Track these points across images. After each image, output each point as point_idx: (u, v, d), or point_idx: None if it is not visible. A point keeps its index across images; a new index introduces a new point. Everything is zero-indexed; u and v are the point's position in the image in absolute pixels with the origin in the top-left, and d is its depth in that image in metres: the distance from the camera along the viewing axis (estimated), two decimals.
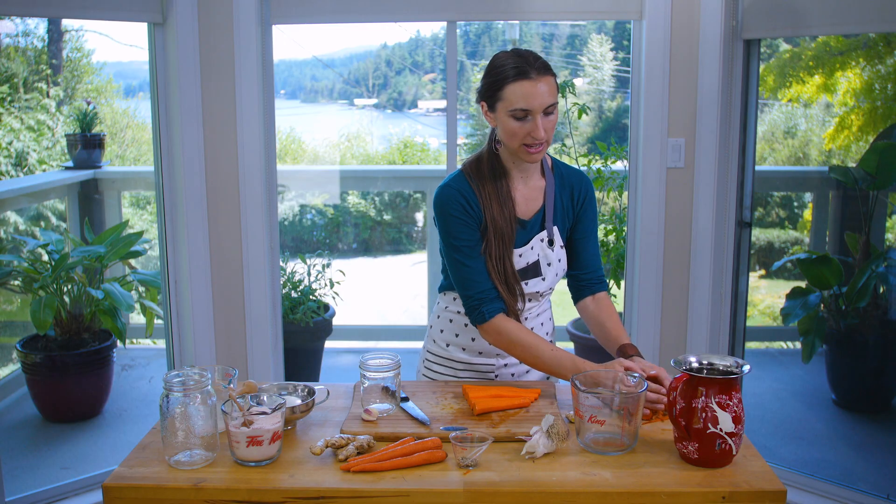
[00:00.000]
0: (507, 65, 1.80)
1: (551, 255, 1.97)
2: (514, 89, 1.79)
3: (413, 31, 9.89)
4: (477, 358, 2.03)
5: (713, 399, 1.47)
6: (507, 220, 1.89)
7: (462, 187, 1.90)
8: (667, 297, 3.35)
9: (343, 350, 5.05)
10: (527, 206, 1.96)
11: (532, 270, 1.95)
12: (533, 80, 1.78)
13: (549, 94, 1.79)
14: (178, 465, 1.52)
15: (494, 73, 1.82)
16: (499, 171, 1.92)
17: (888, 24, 2.91)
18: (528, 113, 1.79)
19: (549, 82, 1.80)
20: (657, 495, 1.43)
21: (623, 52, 7.73)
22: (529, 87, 1.77)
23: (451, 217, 1.89)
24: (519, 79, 1.78)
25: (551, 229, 1.97)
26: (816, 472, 3.18)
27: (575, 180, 2.02)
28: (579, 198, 2.01)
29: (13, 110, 5.33)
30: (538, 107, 1.79)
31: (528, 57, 1.81)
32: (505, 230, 1.88)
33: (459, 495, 1.43)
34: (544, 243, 1.96)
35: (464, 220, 1.88)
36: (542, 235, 1.96)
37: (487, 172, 1.91)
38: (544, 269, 1.96)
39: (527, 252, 1.94)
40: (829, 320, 3.73)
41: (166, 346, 3.37)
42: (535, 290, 1.97)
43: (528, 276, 1.95)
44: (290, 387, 1.77)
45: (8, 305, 4.42)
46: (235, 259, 3.34)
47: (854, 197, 3.88)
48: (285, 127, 7.83)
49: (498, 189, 1.90)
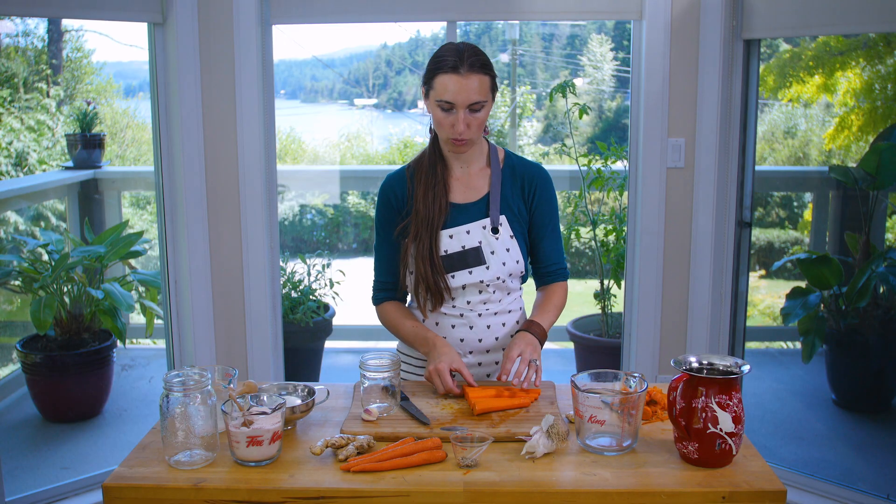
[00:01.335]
0: (444, 56, 1.85)
1: (495, 243, 1.96)
2: (443, 80, 1.84)
3: (413, 31, 9.90)
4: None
5: (713, 399, 1.47)
6: (432, 203, 1.95)
7: (395, 179, 2.02)
8: (667, 298, 3.35)
9: (343, 350, 5.05)
10: (465, 191, 1.99)
11: (472, 256, 1.95)
12: (462, 76, 1.82)
13: (476, 91, 1.84)
14: (178, 465, 1.52)
15: (433, 62, 1.88)
16: (435, 157, 1.99)
17: (888, 24, 2.91)
18: (453, 106, 1.84)
19: (481, 80, 1.84)
20: (657, 495, 1.43)
21: (623, 52, 7.74)
22: (457, 82, 1.82)
23: (378, 206, 2.04)
24: (450, 71, 1.83)
25: (497, 217, 1.97)
26: (816, 472, 3.18)
27: (527, 173, 2.02)
28: (530, 190, 2.02)
29: (13, 110, 5.33)
30: (462, 102, 1.83)
31: (466, 52, 1.85)
32: (429, 213, 1.94)
33: (459, 495, 1.43)
34: (486, 230, 1.96)
35: (384, 211, 2.02)
36: (484, 222, 1.97)
37: (426, 160, 1.99)
38: (487, 256, 1.96)
39: (460, 235, 1.95)
40: (829, 320, 3.73)
41: (166, 346, 3.37)
42: (479, 279, 1.96)
43: (471, 263, 1.95)
44: (290, 387, 1.77)
45: (8, 305, 4.42)
46: (235, 259, 3.34)
47: (854, 197, 3.88)
48: (285, 127, 7.83)
49: (430, 174, 1.97)
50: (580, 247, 5.66)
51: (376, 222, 2.05)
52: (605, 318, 4.17)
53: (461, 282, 1.96)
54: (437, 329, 2.01)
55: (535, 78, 8.85)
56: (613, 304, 4.16)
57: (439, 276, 1.94)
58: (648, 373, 3.36)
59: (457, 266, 1.95)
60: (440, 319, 2.01)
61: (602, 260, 4.11)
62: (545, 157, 7.77)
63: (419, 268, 1.95)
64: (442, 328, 2.01)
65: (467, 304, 1.99)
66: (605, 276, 4.10)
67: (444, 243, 1.95)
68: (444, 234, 1.95)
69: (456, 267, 1.95)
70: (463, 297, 1.99)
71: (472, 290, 1.98)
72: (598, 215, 4.23)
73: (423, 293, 1.97)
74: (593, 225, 4.11)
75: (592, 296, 4.20)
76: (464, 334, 2.00)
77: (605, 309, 4.16)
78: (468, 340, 2.00)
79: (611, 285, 4.10)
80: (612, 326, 4.16)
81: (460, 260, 1.95)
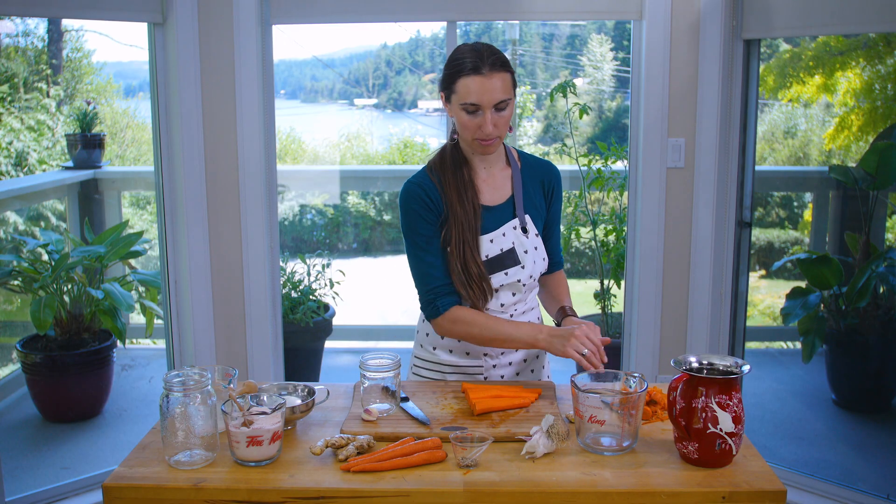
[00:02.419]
0: (463, 58, 1.83)
1: (527, 242, 1.96)
2: (466, 83, 1.81)
3: (413, 31, 9.89)
4: (464, 359, 2.01)
5: (713, 399, 1.47)
6: (467, 207, 1.91)
7: (423, 182, 1.94)
8: (667, 297, 3.35)
9: (343, 350, 5.05)
10: (493, 193, 1.97)
11: (509, 258, 1.94)
12: (485, 76, 1.80)
13: (501, 90, 1.81)
14: (178, 465, 1.52)
15: (451, 66, 1.85)
16: (459, 160, 1.95)
17: (888, 24, 2.91)
18: (478, 107, 1.82)
19: (503, 78, 1.82)
20: (657, 495, 1.43)
21: (623, 52, 7.73)
22: (480, 83, 1.80)
23: (411, 212, 1.92)
24: (471, 73, 1.80)
25: (523, 217, 1.97)
26: (816, 472, 3.18)
27: (544, 170, 2.04)
28: (549, 188, 2.04)
29: (13, 110, 5.33)
30: (488, 102, 1.81)
31: (484, 52, 1.82)
32: (467, 217, 1.90)
33: (459, 495, 1.43)
34: (518, 230, 1.96)
35: (423, 214, 1.91)
36: (514, 223, 1.96)
37: (449, 163, 1.95)
38: (521, 256, 1.95)
39: (498, 238, 1.94)
40: (829, 320, 3.73)
41: (166, 346, 3.37)
42: (516, 279, 1.95)
43: (507, 265, 1.94)
44: (290, 387, 1.77)
45: (8, 305, 4.42)
46: (235, 259, 3.34)
47: (854, 197, 3.88)
48: (285, 127, 7.83)
49: (458, 178, 1.93)
50: (580, 247, 5.66)
51: (413, 228, 1.91)
52: (605, 318, 4.17)
53: (498, 283, 1.94)
54: None
55: (536, 78, 8.86)
56: (613, 304, 4.16)
57: (485, 280, 1.91)
58: (648, 373, 3.36)
59: (495, 269, 1.93)
60: None
61: (602, 260, 4.11)
62: (545, 157, 7.76)
63: (461, 273, 1.89)
64: None
65: (501, 307, 1.97)
66: (605, 276, 4.10)
67: (484, 248, 1.93)
68: (484, 239, 1.93)
69: (494, 269, 1.93)
70: (497, 300, 1.97)
71: (506, 292, 1.97)
72: (598, 215, 4.23)
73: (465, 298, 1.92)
74: (593, 225, 4.11)
75: (592, 296, 4.20)
76: None
77: (605, 309, 4.16)
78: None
79: (611, 285, 4.10)
80: (612, 326, 4.16)
81: (498, 262, 1.93)
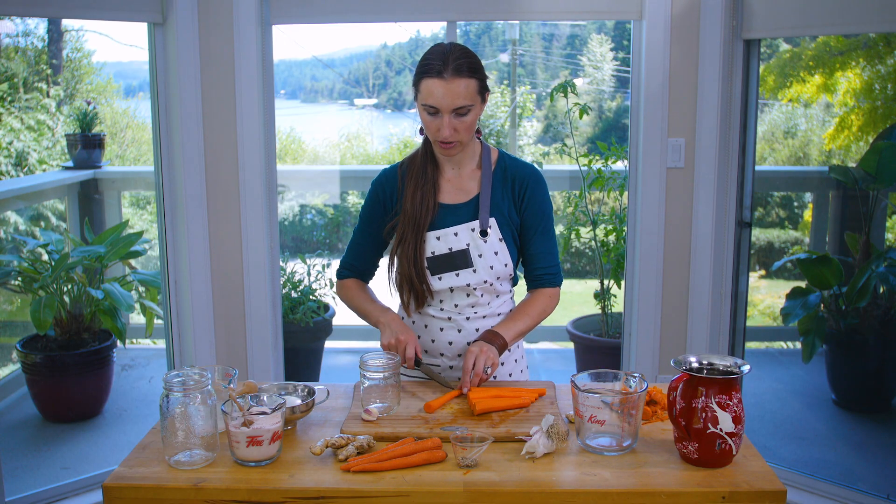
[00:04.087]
0: (430, 60, 1.82)
1: (483, 246, 1.93)
2: (428, 85, 1.81)
3: (413, 31, 9.90)
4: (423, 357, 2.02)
5: (713, 399, 1.47)
6: (418, 203, 1.93)
7: (389, 173, 2.02)
8: (667, 297, 3.35)
9: (343, 350, 5.05)
10: (455, 193, 1.97)
11: (460, 259, 1.93)
12: (446, 80, 1.79)
13: (462, 96, 1.80)
14: (178, 465, 1.52)
15: (419, 65, 1.85)
16: (427, 157, 1.98)
17: (888, 24, 2.91)
18: (437, 110, 1.82)
19: (468, 84, 1.80)
20: (657, 495, 1.43)
21: (623, 52, 7.74)
22: (441, 86, 1.79)
23: (369, 194, 2.04)
24: (434, 76, 1.80)
25: (486, 220, 1.94)
26: (816, 472, 3.17)
27: (518, 174, 1.98)
28: (521, 192, 1.97)
29: (13, 110, 5.34)
30: (447, 106, 1.81)
31: (450, 56, 1.80)
32: (416, 212, 1.93)
33: (459, 495, 1.43)
34: (475, 233, 1.94)
35: (371, 204, 2.03)
36: (472, 224, 1.94)
37: (419, 159, 1.98)
38: (475, 259, 1.93)
39: (448, 237, 1.93)
40: (829, 320, 3.73)
41: (166, 346, 3.37)
42: (466, 282, 1.94)
43: (458, 266, 1.93)
44: (290, 387, 1.77)
45: (8, 305, 4.42)
46: (235, 259, 3.34)
47: (854, 197, 3.88)
48: (285, 127, 7.83)
49: (420, 174, 1.96)
50: (580, 247, 5.66)
51: (362, 211, 2.06)
52: (605, 318, 4.17)
53: (448, 284, 1.94)
54: (426, 331, 2.00)
55: (535, 78, 8.86)
56: (613, 304, 4.16)
57: (422, 277, 1.93)
58: (648, 373, 3.36)
59: (443, 268, 1.93)
60: (428, 322, 2.00)
61: (602, 260, 4.11)
62: (545, 157, 7.77)
63: (403, 267, 1.94)
64: (430, 331, 2.00)
65: (455, 308, 1.97)
66: (605, 276, 4.10)
67: (430, 244, 1.93)
68: (430, 236, 1.94)
69: (442, 269, 1.93)
70: (451, 300, 1.97)
71: (459, 293, 1.96)
72: (598, 215, 4.23)
73: (407, 292, 1.97)
74: (593, 225, 4.12)
75: (592, 296, 4.20)
76: (452, 337, 1.98)
77: (605, 309, 4.16)
78: (456, 343, 1.99)
79: (611, 285, 4.10)
80: (612, 326, 4.16)
81: (447, 262, 1.93)
